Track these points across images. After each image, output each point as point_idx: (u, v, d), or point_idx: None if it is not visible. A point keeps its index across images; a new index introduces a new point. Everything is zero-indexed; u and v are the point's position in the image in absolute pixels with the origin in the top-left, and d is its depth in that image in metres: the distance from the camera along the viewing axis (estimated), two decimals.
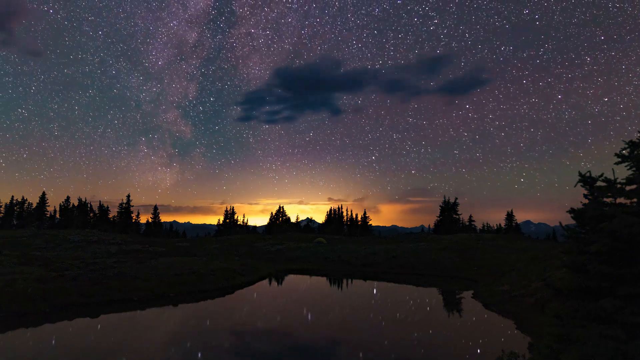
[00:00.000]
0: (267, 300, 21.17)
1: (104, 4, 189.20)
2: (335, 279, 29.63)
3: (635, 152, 6.66)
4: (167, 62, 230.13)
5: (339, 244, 44.46)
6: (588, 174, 7.13)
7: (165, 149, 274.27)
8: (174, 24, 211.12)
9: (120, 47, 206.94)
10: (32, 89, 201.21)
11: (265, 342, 13.15)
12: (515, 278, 22.32)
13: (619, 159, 6.83)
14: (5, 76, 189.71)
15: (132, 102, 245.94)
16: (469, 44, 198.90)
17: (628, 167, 6.75)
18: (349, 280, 28.98)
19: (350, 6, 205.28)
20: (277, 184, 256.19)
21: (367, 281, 28.67)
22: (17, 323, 14.35)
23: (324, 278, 30.21)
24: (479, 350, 12.33)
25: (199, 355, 11.52)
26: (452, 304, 21.21)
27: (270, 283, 26.73)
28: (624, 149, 6.82)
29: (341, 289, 26.28)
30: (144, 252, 33.40)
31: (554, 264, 20.25)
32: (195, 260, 28.28)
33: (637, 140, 6.72)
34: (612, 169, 6.90)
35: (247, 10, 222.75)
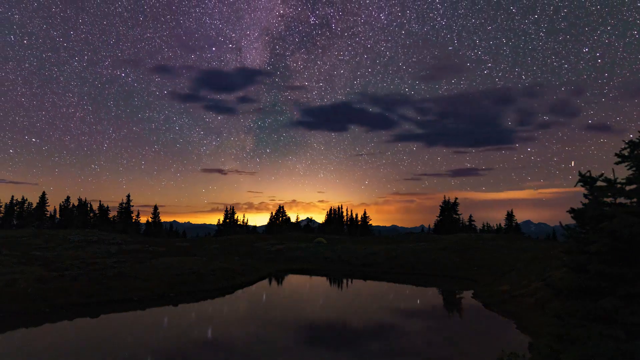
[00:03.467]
0: (267, 300, 21.15)
1: (171, 64, 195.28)
2: (335, 279, 29.61)
3: (635, 152, 6.65)
4: (226, 116, 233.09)
5: (339, 244, 44.44)
6: (588, 174, 7.12)
7: (224, 199, 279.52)
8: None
9: (184, 104, 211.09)
10: (105, 146, 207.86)
11: (265, 341, 13.15)
12: (515, 278, 22.31)
13: (619, 159, 6.82)
14: (82, 135, 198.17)
15: (193, 156, 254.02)
16: (526, 85, 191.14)
17: (628, 167, 6.74)
18: (349, 280, 28.96)
19: (401, 55, 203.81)
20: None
21: (367, 281, 28.64)
22: (17, 323, 14.36)
23: (324, 278, 30.19)
24: (479, 350, 12.33)
25: (199, 354, 11.52)
26: (452, 304, 21.21)
27: (270, 283, 26.72)
28: (624, 149, 6.81)
29: (341, 288, 26.27)
30: (144, 252, 33.37)
31: (554, 264, 20.25)
32: (195, 260, 28.26)
33: (637, 140, 6.71)
34: (612, 169, 6.90)
35: (301, 65, 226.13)
